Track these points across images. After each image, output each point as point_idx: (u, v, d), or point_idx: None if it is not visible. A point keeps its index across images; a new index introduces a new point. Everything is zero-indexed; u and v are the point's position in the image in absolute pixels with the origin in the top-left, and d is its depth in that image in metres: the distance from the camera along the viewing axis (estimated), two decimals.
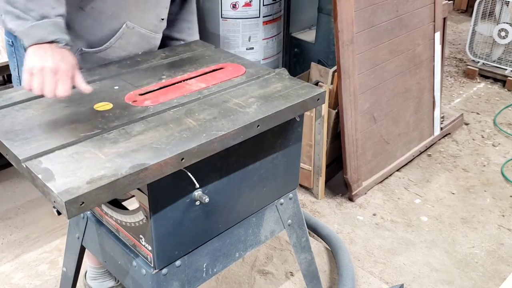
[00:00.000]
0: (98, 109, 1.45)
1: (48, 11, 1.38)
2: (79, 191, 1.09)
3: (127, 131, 1.34)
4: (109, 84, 1.62)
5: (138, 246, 1.49)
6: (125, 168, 1.17)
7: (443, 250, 2.64)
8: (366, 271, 2.48)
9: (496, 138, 3.70)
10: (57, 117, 1.40)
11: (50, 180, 1.13)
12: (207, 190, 1.48)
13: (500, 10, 4.30)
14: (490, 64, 4.59)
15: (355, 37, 2.72)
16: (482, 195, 3.09)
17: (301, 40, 3.89)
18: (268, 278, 2.44)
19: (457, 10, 6.49)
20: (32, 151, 1.24)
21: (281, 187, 1.78)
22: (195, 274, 1.60)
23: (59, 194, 1.08)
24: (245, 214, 1.70)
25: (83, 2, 1.57)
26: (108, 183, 1.13)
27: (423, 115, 3.40)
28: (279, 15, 3.55)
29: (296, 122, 1.66)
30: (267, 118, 1.45)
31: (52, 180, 1.13)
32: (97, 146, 1.27)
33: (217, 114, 1.44)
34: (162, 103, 1.50)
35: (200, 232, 1.54)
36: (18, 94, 1.53)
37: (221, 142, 1.34)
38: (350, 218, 2.87)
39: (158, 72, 1.71)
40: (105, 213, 1.60)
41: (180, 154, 1.25)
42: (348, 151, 2.86)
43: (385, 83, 3.00)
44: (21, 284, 2.39)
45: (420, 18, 3.14)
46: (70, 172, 1.16)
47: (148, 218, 1.38)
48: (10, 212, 2.86)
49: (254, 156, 1.60)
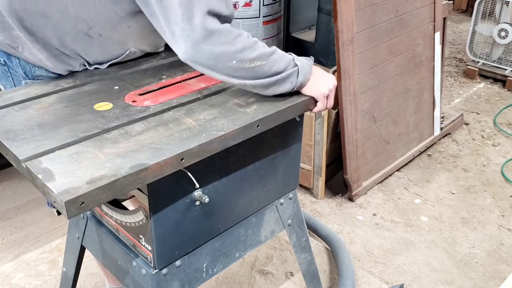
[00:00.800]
0: (98, 109, 1.45)
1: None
2: (79, 191, 1.09)
3: (127, 131, 1.34)
4: (109, 84, 1.61)
5: (138, 246, 1.49)
6: (125, 168, 1.17)
7: (443, 250, 2.64)
8: (366, 271, 2.48)
9: (496, 138, 3.70)
10: (57, 117, 1.40)
11: (50, 180, 1.13)
12: (207, 190, 1.47)
13: (500, 10, 4.30)
14: (490, 64, 4.59)
15: (355, 37, 2.72)
16: (482, 195, 3.09)
17: (301, 40, 3.89)
18: (268, 278, 2.44)
19: (457, 10, 6.49)
20: (32, 151, 1.23)
21: (281, 187, 1.78)
22: (195, 274, 1.60)
23: (59, 194, 1.08)
24: (245, 214, 1.70)
25: (91, 29, 1.55)
26: (108, 183, 1.12)
27: (423, 115, 3.40)
28: (279, 15, 3.55)
29: (296, 122, 1.66)
30: (267, 118, 1.45)
31: (52, 180, 1.12)
32: (97, 146, 1.26)
33: (217, 114, 1.44)
34: (162, 103, 1.49)
35: (200, 232, 1.54)
36: (18, 94, 1.53)
37: (221, 142, 1.34)
38: (350, 218, 2.87)
39: (158, 72, 1.71)
40: (105, 213, 1.60)
41: (180, 154, 1.25)
42: (348, 151, 2.86)
43: (385, 83, 3.00)
44: (21, 284, 2.39)
45: (420, 18, 3.14)
46: (70, 172, 1.15)
47: (148, 218, 1.38)
48: (10, 212, 2.86)
49: (254, 156, 1.60)
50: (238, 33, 1.40)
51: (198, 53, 1.36)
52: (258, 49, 1.43)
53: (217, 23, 1.37)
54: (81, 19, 1.51)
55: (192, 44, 1.34)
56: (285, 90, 1.51)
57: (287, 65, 1.48)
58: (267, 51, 1.44)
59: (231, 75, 1.42)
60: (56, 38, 1.55)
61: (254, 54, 1.41)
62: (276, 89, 1.49)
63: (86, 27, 1.53)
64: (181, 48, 1.36)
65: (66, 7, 1.49)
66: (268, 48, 1.46)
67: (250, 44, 1.41)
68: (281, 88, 1.50)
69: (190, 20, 1.33)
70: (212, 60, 1.38)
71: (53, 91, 1.55)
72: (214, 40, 1.35)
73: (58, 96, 1.53)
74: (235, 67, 1.40)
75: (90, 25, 1.53)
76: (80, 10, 1.50)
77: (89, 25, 1.53)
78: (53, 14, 1.50)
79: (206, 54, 1.36)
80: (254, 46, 1.42)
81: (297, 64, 1.50)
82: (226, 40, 1.37)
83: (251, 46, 1.41)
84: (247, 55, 1.40)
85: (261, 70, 1.44)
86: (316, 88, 1.55)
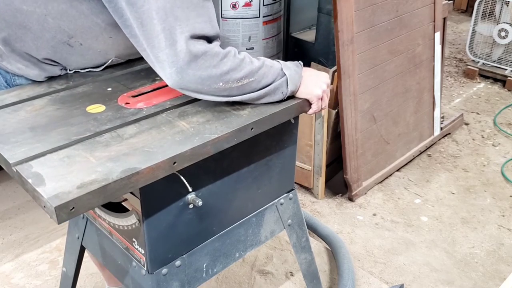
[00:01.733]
0: (91, 111, 1.44)
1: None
2: (69, 196, 1.08)
3: (119, 134, 1.33)
4: (102, 85, 1.60)
5: (131, 249, 1.49)
6: (116, 172, 1.16)
7: (443, 250, 2.63)
8: (366, 271, 2.48)
9: (496, 138, 3.69)
10: (49, 120, 1.39)
11: (40, 184, 1.12)
12: (200, 193, 1.47)
13: (500, 10, 4.28)
14: (490, 64, 4.57)
15: (355, 37, 2.71)
16: (482, 195, 3.08)
17: (301, 40, 3.88)
18: (268, 278, 2.44)
19: (457, 10, 6.46)
20: (23, 154, 1.22)
21: (276, 189, 1.78)
22: (195, 274, 1.59)
23: (49, 199, 1.07)
24: (240, 216, 1.69)
25: (72, 39, 1.52)
26: (99, 187, 1.12)
27: (423, 115, 3.39)
28: (279, 15, 3.55)
29: (291, 124, 1.65)
30: (261, 121, 1.44)
31: (42, 185, 1.12)
32: (88, 150, 1.26)
33: (211, 117, 1.43)
34: (155, 105, 1.48)
35: (194, 235, 1.54)
36: (10, 96, 1.52)
37: (214, 145, 1.33)
38: (350, 218, 2.87)
39: (152, 73, 1.68)
40: (98, 215, 1.60)
41: (172, 157, 1.24)
42: (348, 151, 2.86)
43: (385, 83, 3.00)
44: (21, 284, 2.40)
45: (420, 18, 3.13)
46: (61, 176, 1.15)
47: (140, 222, 1.38)
48: (10, 212, 2.87)
49: (249, 159, 1.60)
50: (225, 53, 1.38)
51: (184, 79, 1.34)
52: (245, 67, 1.41)
53: (203, 44, 1.34)
54: (61, 30, 1.49)
55: (177, 70, 1.32)
56: (275, 99, 1.50)
57: (276, 76, 1.47)
58: (254, 68, 1.43)
59: (219, 94, 1.41)
60: (35, 48, 1.52)
61: (240, 74, 1.40)
62: (266, 100, 1.49)
63: (66, 37, 1.51)
64: (166, 73, 1.34)
65: (45, 18, 1.47)
66: (256, 62, 1.44)
67: (236, 64, 1.39)
68: (271, 98, 1.49)
69: (174, 46, 1.30)
70: (199, 84, 1.36)
71: (46, 92, 1.54)
72: (198, 64, 1.33)
73: (50, 98, 1.52)
74: (222, 88, 1.39)
75: (71, 35, 1.51)
76: (60, 21, 1.47)
77: (69, 35, 1.51)
78: (32, 25, 1.48)
79: (192, 79, 1.34)
80: (241, 65, 1.40)
81: (285, 73, 1.49)
82: (212, 63, 1.35)
83: (237, 66, 1.39)
84: (234, 76, 1.39)
85: (249, 87, 1.43)
86: (309, 91, 1.55)
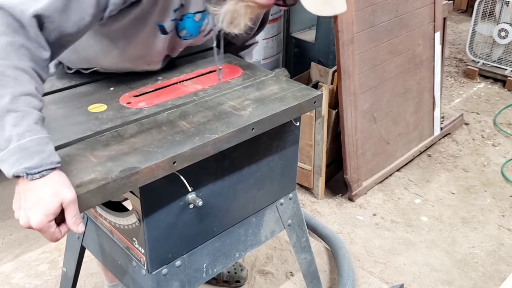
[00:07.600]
0: (92, 110, 1.44)
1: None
2: None
3: (120, 133, 1.34)
4: (105, 85, 1.60)
5: (132, 248, 1.49)
6: (116, 171, 1.17)
7: (443, 250, 2.63)
8: (366, 271, 2.48)
9: (496, 138, 3.69)
10: (51, 119, 1.38)
11: None
12: (201, 193, 1.47)
13: (500, 10, 4.29)
14: (490, 64, 4.57)
15: (355, 37, 2.71)
16: (482, 195, 3.08)
17: (301, 40, 3.88)
18: (268, 278, 2.44)
19: (457, 10, 6.47)
20: None
21: (278, 190, 1.77)
22: (195, 274, 1.59)
23: None
24: (241, 216, 1.69)
25: (86, 70, 1.52)
26: (98, 187, 1.12)
27: (423, 115, 3.39)
28: (279, 15, 3.55)
29: (293, 124, 1.65)
30: (262, 121, 1.44)
31: None
32: (88, 149, 1.26)
33: (212, 117, 1.43)
34: (156, 105, 1.48)
35: (194, 235, 1.54)
36: None
37: (214, 145, 1.33)
38: (350, 218, 2.87)
39: (154, 73, 1.69)
40: (100, 214, 1.60)
41: (172, 157, 1.25)
42: (348, 151, 2.86)
43: (385, 83, 3.00)
44: (21, 284, 2.39)
45: (420, 18, 3.13)
46: None
47: (140, 221, 1.38)
48: (10, 212, 2.81)
49: (250, 159, 1.60)
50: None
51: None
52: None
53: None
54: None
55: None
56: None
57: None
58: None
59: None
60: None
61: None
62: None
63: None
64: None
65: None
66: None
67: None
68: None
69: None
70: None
71: (48, 92, 1.54)
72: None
73: (52, 97, 1.52)
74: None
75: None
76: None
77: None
78: None
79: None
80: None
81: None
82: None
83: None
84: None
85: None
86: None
